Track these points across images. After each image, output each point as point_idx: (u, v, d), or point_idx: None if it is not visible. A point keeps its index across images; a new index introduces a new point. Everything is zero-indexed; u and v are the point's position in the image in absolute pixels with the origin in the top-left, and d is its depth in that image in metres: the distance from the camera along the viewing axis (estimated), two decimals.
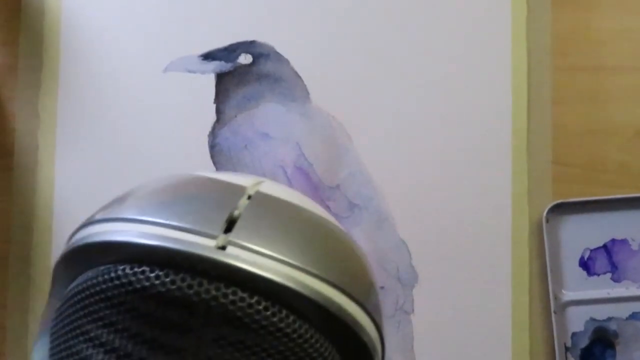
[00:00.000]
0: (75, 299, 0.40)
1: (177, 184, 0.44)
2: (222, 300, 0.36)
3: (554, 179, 0.73)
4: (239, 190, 0.42)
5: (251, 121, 0.73)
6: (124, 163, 0.73)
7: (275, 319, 0.37)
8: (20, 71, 0.73)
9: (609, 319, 0.71)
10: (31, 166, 0.73)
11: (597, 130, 0.74)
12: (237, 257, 0.37)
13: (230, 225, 0.39)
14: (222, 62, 0.74)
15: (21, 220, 0.72)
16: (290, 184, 0.73)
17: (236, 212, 0.39)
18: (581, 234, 0.72)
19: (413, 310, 0.72)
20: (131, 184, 0.72)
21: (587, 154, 0.74)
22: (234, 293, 0.37)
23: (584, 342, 0.71)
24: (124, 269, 0.38)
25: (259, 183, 0.43)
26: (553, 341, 0.71)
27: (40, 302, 0.71)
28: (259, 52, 0.74)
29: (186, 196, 0.42)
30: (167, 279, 0.37)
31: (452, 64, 0.74)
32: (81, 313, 0.39)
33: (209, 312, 0.36)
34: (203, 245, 0.37)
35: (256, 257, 0.38)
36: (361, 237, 0.72)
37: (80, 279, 0.41)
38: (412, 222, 0.72)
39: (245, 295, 0.37)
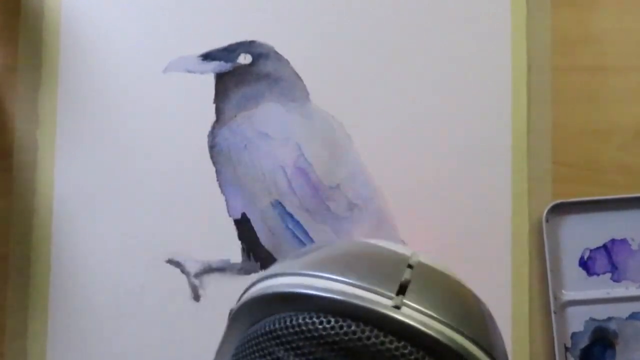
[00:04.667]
0: (259, 340, 0.46)
1: (348, 248, 0.52)
2: (395, 352, 0.43)
3: (554, 179, 0.73)
4: (403, 258, 0.49)
5: (251, 121, 0.73)
6: (123, 163, 0.73)
7: None
8: (20, 71, 0.73)
9: (609, 319, 0.71)
10: (31, 166, 0.73)
11: (597, 130, 0.74)
12: (410, 317, 0.44)
13: (402, 288, 0.46)
14: (222, 62, 0.74)
15: (21, 220, 0.72)
16: (290, 184, 0.73)
17: (405, 278, 0.47)
18: (581, 234, 0.72)
19: None
20: (130, 184, 0.73)
21: (587, 154, 0.74)
22: (405, 347, 0.43)
23: (583, 342, 0.71)
24: (310, 318, 0.44)
25: (415, 253, 0.51)
26: (553, 341, 0.71)
27: (40, 302, 0.71)
28: (258, 52, 0.74)
29: (361, 260, 0.49)
30: (350, 329, 0.43)
31: (452, 64, 0.74)
32: (263, 352, 0.45)
33: (377, 355, 0.43)
34: (382, 303, 0.44)
35: (424, 317, 0.45)
36: (361, 237, 0.72)
37: (263, 323, 0.47)
38: (412, 222, 0.72)
39: (413, 349, 0.43)
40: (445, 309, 0.46)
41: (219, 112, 0.73)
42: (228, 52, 0.74)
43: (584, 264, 0.72)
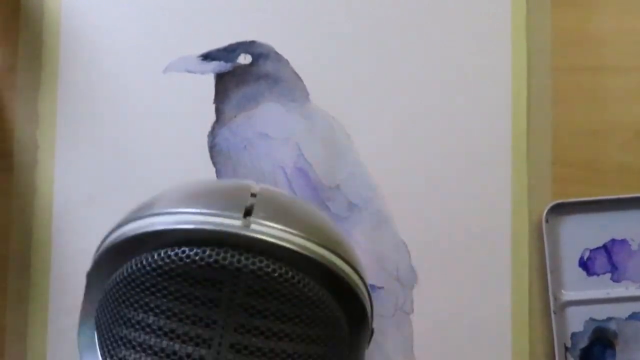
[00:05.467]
0: (115, 288, 0.47)
1: (192, 185, 0.52)
2: (252, 267, 0.44)
3: (554, 179, 0.73)
4: (246, 187, 0.50)
5: (251, 121, 0.73)
6: (123, 163, 0.73)
7: (294, 280, 0.45)
8: (20, 72, 0.74)
9: (609, 319, 0.72)
10: (31, 166, 0.73)
11: (597, 130, 0.74)
12: (260, 232, 0.45)
13: (248, 212, 0.46)
14: (222, 62, 0.74)
15: (21, 220, 0.72)
16: (289, 184, 0.73)
17: (250, 203, 0.47)
18: (581, 234, 0.72)
19: (413, 310, 0.72)
20: (130, 184, 0.73)
21: (587, 154, 0.74)
22: (261, 261, 0.44)
23: (583, 342, 0.71)
24: (166, 252, 0.45)
25: (257, 184, 0.52)
26: (553, 341, 0.71)
27: (40, 302, 0.71)
28: (258, 52, 0.74)
29: (205, 192, 0.50)
30: (205, 254, 0.44)
31: (452, 64, 0.74)
32: (122, 299, 0.46)
33: (238, 278, 0.44)
34: (232, 225, 0.45)
35: (274, 231, 0.45)
36: (360, 237, 0.72)
37: (119, 270, 0.47)
38: (412, 223, 0.72)
39: (269, 262, 0.44)
40: (293, 221, 0.47)
41: (219, 112, 0.73)
42: (228, 52, 0.74)
43: (584, 264, 0.72)
